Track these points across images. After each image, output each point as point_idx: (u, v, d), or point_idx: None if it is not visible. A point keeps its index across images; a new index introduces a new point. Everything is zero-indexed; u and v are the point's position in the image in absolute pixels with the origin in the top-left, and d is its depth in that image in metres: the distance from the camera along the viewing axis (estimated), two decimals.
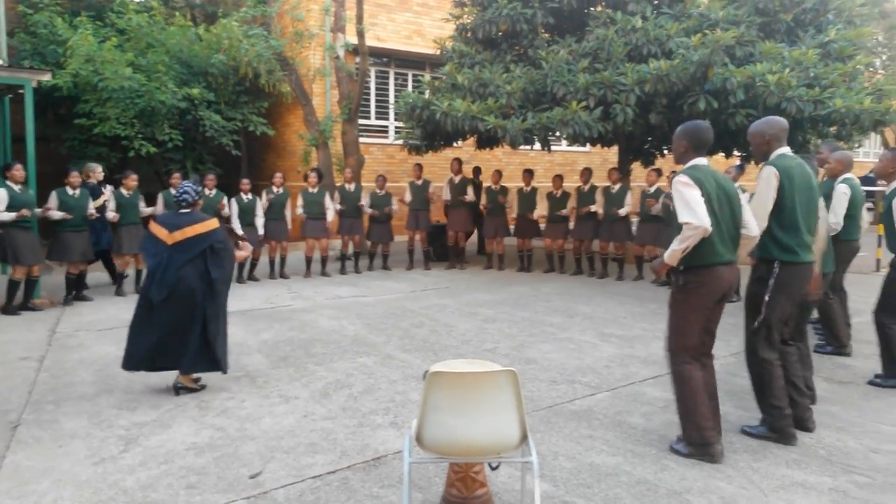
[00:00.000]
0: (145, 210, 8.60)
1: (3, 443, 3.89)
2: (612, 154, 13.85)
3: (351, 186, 10.25)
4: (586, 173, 10.04)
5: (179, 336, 4.63)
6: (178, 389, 4.73)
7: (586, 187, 9.94)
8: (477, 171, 11.83)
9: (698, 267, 3.65)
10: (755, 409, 4.13)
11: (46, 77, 8.59)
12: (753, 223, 3.84)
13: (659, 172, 9.53)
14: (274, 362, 5.54)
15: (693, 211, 3.53)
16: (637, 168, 12.23)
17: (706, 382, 3.76)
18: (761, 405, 4.05)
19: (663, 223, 8.94)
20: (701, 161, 3.77)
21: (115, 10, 12.34)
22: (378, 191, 10.30)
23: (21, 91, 8.29)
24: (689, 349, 3.73)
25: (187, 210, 4.81)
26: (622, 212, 9.53)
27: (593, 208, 9.72)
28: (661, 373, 5.23)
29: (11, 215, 7.10)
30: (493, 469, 3.34)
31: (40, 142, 8.59)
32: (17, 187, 7.30)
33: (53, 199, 7.66)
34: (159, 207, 8.78)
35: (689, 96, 8.37)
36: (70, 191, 7.79)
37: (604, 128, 8.82)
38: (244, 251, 5.25)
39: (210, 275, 4.66)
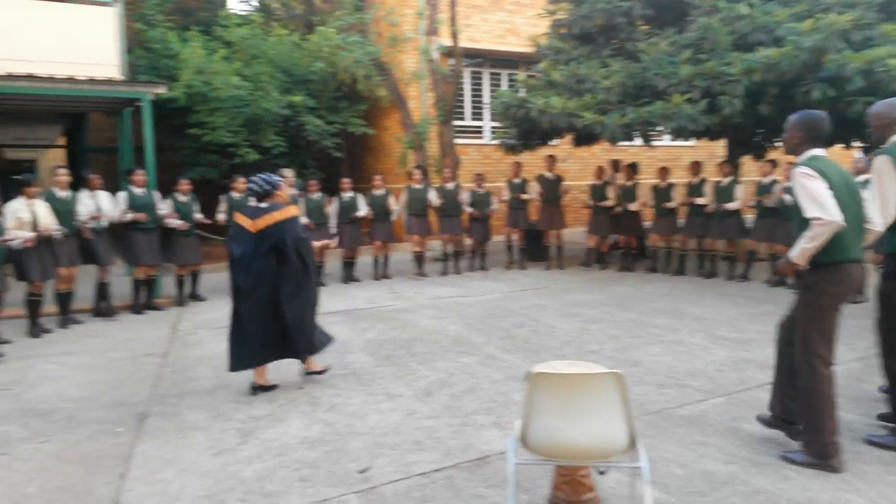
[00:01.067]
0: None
1: (133, 434, 4.18)
2: (718, 148, 13.28)
3: (450, 186, 10.33)
4: (695, 166, 9.66)
5: (274, 325, 4.73)
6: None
7: (696, 180, 9.58)
8: (633, 167, 10.60)
9: (827, 265, 3.41)
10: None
11: (161, 90, 9.16)
12: (877, 217, 3.59)
13: (774, 163, 9.04)
14: (378, 361, 5.67)
15: (821, 205, 3.29)
16: (747, 161, 11.68)
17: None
18: None
19: (780, 218, 8.47)
20: (819, 153, 3.54)
21: (221, 23, 13.00)
22: (477, 189, 10.34)
23: (140, 104, 8.90)
24: (821, 355, 3.48)
25: (264, 204, 4.85)
26: (731, 206, 9.08)
27: (699, 200, 9.36)
28: None
29: (131, 215, 7.64)
30: (601, 474, 3.27)
31: (157, 151, 9.16)
32: (138, 191, 7.85)
33: (167, 205, 8.16)
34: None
35: (802, 85, 7.88)
36: (181, 197, 8.30)
37: (709, 120, 8.46)
38: (321, 242, 5.27)
39: (288, 263, 4.73)
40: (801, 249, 3.38)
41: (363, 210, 9.68)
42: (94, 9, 10.40)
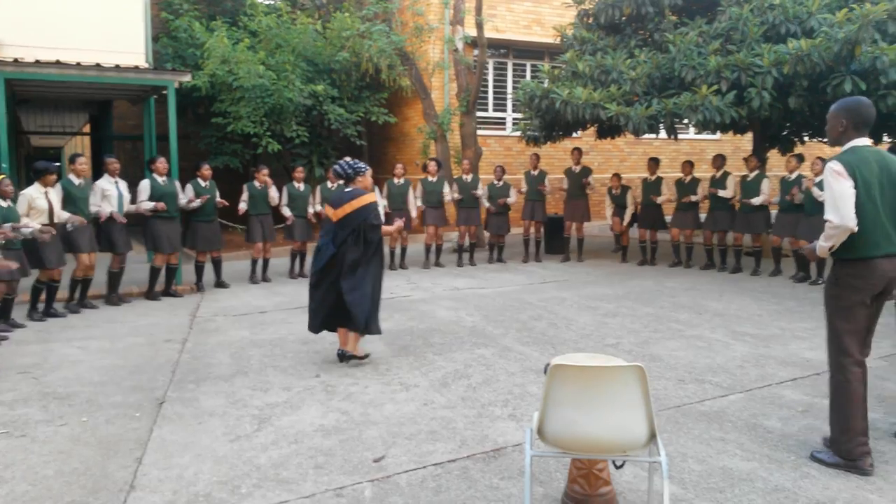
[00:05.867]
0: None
1: (150, 418, 4.21)
2: (745, 142, 13.07)
3: (468, 177, 10.28)
4: (719, 160, 9.50)
5: (338, 300, 5.14)
6: (344, 357, 5.23)
7: (718, 174, 9.42)
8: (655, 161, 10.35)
9: (853, 260, 3.34)
10: None
11: (186, 78, 9.19)
12: None
13: (800, 158, 8.85)
14: (395, 351, 5.66)
15: (837, 209, 3.26)
16: (774, 156, 11.48)
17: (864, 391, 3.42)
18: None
19: (803, 213, 8.32)
20: (861, 142, 3.43)
21: (247, 12, 13.02)
22: (496, 182, 10.28)
23: (164, 92, 8.95)
24: (850, 353, 3.38)
25: (348, 188, 5.25)
26: (756, 201, 8.93)
27: (721, 193, 9.22)
28: (801, 375, 4.88)
29: (150, 205, 7.69)
30: (618, 468, 3.22)
31: (180, 139, 9.20)
32: (160, 179, 7.90)
33: (189, 190, 8.20)
34: (284, 199, 9.23)
35: (834, 77, 7.72)
36: (202, 182, 8.34)
37: (737, 113, 8.32)
38: (394, 226, 5.69)
39: (355, 245, 5.11)
40: (819, 247, 3.44)
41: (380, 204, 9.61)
42: None
